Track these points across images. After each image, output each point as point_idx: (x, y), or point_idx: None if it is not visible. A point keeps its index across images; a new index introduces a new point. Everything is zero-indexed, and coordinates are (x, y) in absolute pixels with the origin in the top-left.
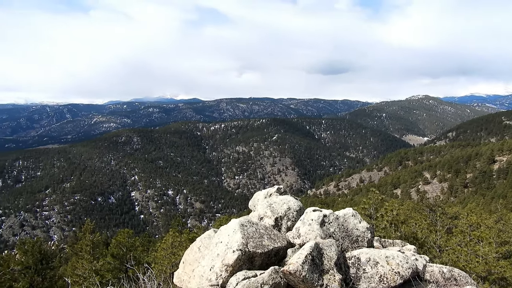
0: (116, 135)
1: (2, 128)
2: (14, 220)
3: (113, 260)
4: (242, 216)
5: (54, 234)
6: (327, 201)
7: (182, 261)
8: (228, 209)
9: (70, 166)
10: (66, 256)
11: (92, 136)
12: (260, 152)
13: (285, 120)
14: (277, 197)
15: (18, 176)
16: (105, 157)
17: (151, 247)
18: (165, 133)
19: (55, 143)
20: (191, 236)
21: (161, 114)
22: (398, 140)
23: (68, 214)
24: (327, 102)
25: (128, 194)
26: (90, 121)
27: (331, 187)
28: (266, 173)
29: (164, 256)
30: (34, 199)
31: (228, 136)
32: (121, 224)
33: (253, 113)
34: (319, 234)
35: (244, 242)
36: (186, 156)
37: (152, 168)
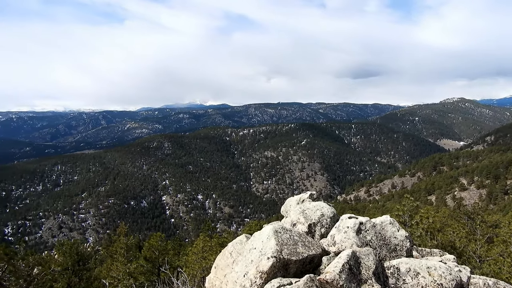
0: (148, 140)
1: (42, 134)
2: (53, 222)
3: (146, 263)
4: (271, 221)
5: (90, 236)
6: (358, 207)
7: (214, 266)
8: (257, 214)
9: (104, 171)
10: (101, 257)
11: (125, 141)
12: (289, 157)
13: (314, 125)
14: (310, 203)
15: (57, 180)
16: (137, 162)
17: (182, 251)
18: (195, 139)
19: (90, 148)
20: (221, 241)
21: (191, 120)
22: (432, 145)
23: (102, 217)
24: (357, 106)
25: (159, 198)
26: (123, 127)
27: (361, 193)
28: (295, 178)
29: (195, 260)
30: (71, 202)
31: (257, 141)
32: (152, 228)
33: (281, 118)
34: (355, 242)
35: (279, 249)
36: (215, 161)
37: (182, 173)
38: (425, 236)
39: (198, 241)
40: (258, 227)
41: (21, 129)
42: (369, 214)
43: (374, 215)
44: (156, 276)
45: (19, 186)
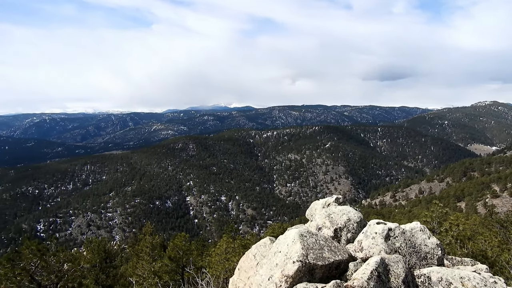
0: (173, 142)
1: (73, 135)
2: (82, 220)
3: (170, 263)
4: (294, 224)
5: (116, 234)
6: (383, 212)
7: (238, 267)
8: (280, 216)
9: (131, 171)
10: (126, 256)
11: (151, 142)
12: (313, 160)
13: (339, 128)
14: (336, 207)
15: (86, 179)
16: (163, 163)
17: (205, 252)
18: (219, 140)
19: (118, 149)
20: (244, 243)
21: (215, 122)
22: (462, 149)
23: (129, 216)
24: (383, 109)
25: (183, 199)
26: (150, 128)
27: (387, 198)
28: (319, 181)
29: (218, 261)
30: (99, 201)
31: (280, 144)
32: (176, 228)
33: (305, 120)
34: (384, 249)
35: (304, 253)
36: (238, 163)
37: (206, 174)
38: (455, 244)
39: (221, 242)
40: (281, 230)
41: (53, 130)
42: (394, 219)
43: (400, 220)
44: (179, 275)
45: (51, 185)
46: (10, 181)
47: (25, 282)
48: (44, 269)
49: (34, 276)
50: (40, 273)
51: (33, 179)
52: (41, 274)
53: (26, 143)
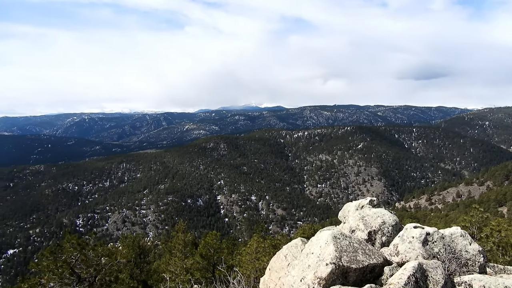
0: (205, 141)
1: (110, 134)
2: (118, 216)
3: (201, 260)
4: (325, 225)
5: (150, 231)
6: (418, 215)
7: (268, 267)
8: (310, 217)
9: (164, 170)
10: (159, 252)
11: (184, 142)
12: (344, 161)
13: (372, 128)
14: (370, 209)
15: (122, 177)
16: (194, 162)
17: (236, 251)
18: (250, 140)
19: (152, 148)
20: (274, 243)
21: (246, 122)
22: (505, 152)
23: (162, 213)
24: (419, 109)
25: (214, 198)
26: (182, 128)
27: (422, 201)
28: (350, 182)
29: (248, 261)
30: (134, 198)
31: (311, 144)
32: (207, 226)
33: (337, 120)
34: (421, 254)
35: (338, 256)
36: (269, 163)
37: (236, 174)
38: (496, 251)
39: (251, 242)
40: (312, 231)
41: (92, 129)
42: (430, 223)
43: (436, 225)
44: (211, 273)
45: (89, 182)
46: (52, 178)
47: (66, 274)
48: (84, 262)
49: (74, 269)
50: (80, 266)
51: (73, 176)
52: (81, 267)
53: (67, 142)
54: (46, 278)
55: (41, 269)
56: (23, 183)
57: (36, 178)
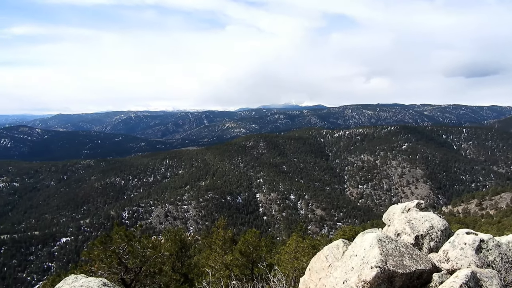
0: (245, 140)
1: (155, 131)
2: (161, 210)
3: (240, 257)
4: (366, 227)
5: (191, 226)
6: (466, 221)
7: (309, 268)
8: (350, 219)
9: (205, 167)
10: (199, 247)
11: (224, 140)
12: (387, 162)
13: (417, 128)
14: (417, 213)
15: (165, 173)
16: (234, 159)
17: (274, 249)
18: (289, 139)
19: (194, 145)
20: (314, 243)
21: (286, 121)
22: None
23: (202, 209)
24: (470, 109)
25: (253, 196)
26: (223, 126)
27: (471, 206)
28: (393, 184)
29: (287, 260)
30: (176, 194)
31: (353, 144)
32: (246, 223)
33: (380, 120)
34: (474, 262)
35: (383, 259)
36: (308, 162)
37: (276, 172)
38: None
39: (290, 241)
40: (353, 232)
41: (138, 127)
42: (480, 230)
43: (487, 231)
44: (249, 270)
45: (134, 177)
46: (101, 172)
47: (114, 264)
48: (130, 253)
49: (122, 259)
50: (127, 256)
51: (120, 171)
52: (128, 257)
53: (114, 138)
54: (96, 266)
55: (92, 257)
56: (75, 176)
57: (87, 172)
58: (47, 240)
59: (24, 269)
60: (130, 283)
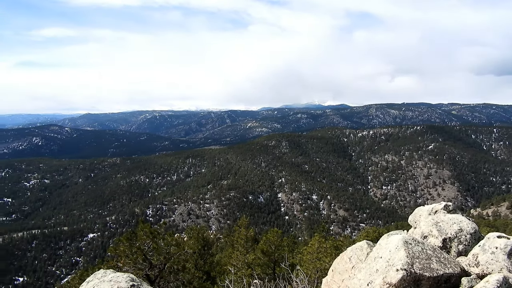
0: (267, 139)
1: (178, 130)
2: (184, 208)
3: (262, 256)
4: (390, 229)
5: (213, 224)
6: (497, 224)
7: (331, 269)
8: (373, 220)
9: (227, 166)
10: (221, 245)
11: (246, 139)
12: (413, 162)
13: (444, 128)
14: (445, 215)
15: (188, 171)
16: (256, 159)
17: (296, 249)
18: (312, 139)
19: (216, 144)
20: (336, 244)
21: (308, 120)
22: None
23: (224, 208)
24: (501, 108)
25: (275, 195)
26: (245, 125)
27: (502, 208)
28: (419, 185)
29: (309, 260)
30: (198, 192)
31: (377, 144)
32: (267, 223)
33: (405, 119)
34: (506, 267)
35: (409, 262)
36: (331, 162)
37: (298, 172)
38: None
39: (313, 241)
40: (377, 234)
41: (162, 126)
42: (511, 234)
43: None
44: (271, 270)
45: (158, 175)
46: (127, 170)
47: (140, 260)
48: (155, 250)
49: (146, 255)
50: (152, 253)
51: (144, 169)
52: (152, 254)
53: (139, 137)
54: (122, 262)
55: (118, 253)
56: (102, 174)
57: (113, 170)
58: (75, 236)
59: (53, 263)
60: (154, 279)
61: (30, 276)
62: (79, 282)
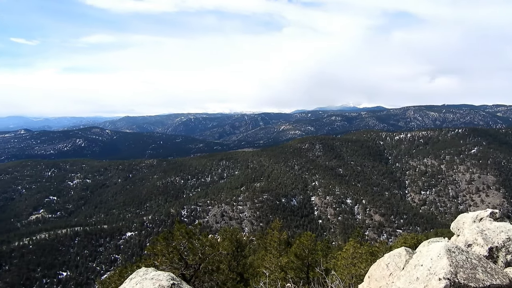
0: (300, 142)
1: (212, 133)
2: (217, 210)
3: (296, 260)
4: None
5: (245, 226)
6: None
7: (368, 275)
8: (411, 226)
9: (260, 168)
10: (254, 247)
11: (279, 142)
12: (454, 167)
13: (489, 131)
14: (491, 223)
15: (222, 173)
16: (289, 162)
17: (330, 254)
18: (346, 141)
19: (249, 147)
20: (372, 250)
21: (343, 123)
22: None
23: (257, 210)
24: None
25: (308, 198)
26: (278, 128)
27: None
28: (461, 191)
29: (344, 265)
30: (232, 194)
31: (415, 147)
32: (300, 226)
33: (446, 122)
34: None
35: (453, 271)
36: (366, 166)
37: (331, 175)
38: None
39: (347, 246)
40: (415, 241)
41: (196, 128)
42: None
43: None
44: (304, 274)
45: (193, 177)
46: (163, 171)
47: (176, 259)
48: (190, 250)
49: (182, 255)
50: (187, 253)
51: (179, 171)
52: (188, 254)
53: (175, 139)
54: (159, 261)
55: (155, 252)
56: (139, 175)
57: (150, 171)
58: (114, 234)
59: (94, 259)
60: (189, 279)
61: (73, 271)
62: (118, 279)
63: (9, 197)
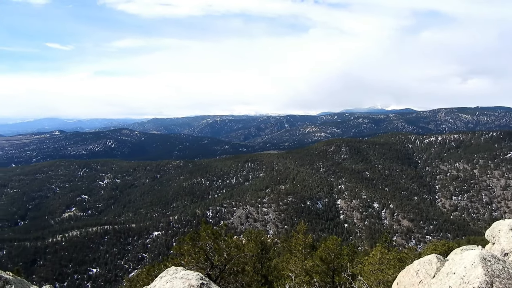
0: (326, 144)
1: (238, 134)
2: (242, 212)
3: (321, 264)
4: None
5: (270, 229)
6: None
7: (396, 282)
8: (442, 232)
9: (285, 170)
10: (278, 250)
11: (305, 144)
12: (488, 172)
13: None
14: None
15: (247, 175)
16: (315, 164)
17: (356, 259)
18: (374, 144)
19: (275, 149)
20: (400, 256)
21: (370, 125)
22: None
23: (282, 213)
24: None
25: (334, 202)
26: (304, 130)
27: None
28: (495, 197)
29: (371, 271)
30: (257, 196)
31: (446, 151)
32: (326, 230)
33: (479, 125)
34: None
35: (488, 280)
36: (394, 169)
37: (358, 179)
38: None
39: (375, 252)
40: (446, 248)
41: (222, 130)
42: None
43: None
44: (330, 278)
45: (218, 178)
46: (189, 172)
47: (202, 259)
48: (216, 251)
49: (208, 256)
50: (213, 253)
51: (205, 172)
52: (214, 254)
53: (201, 141)
54: (186, 261)
55: (182, 252)
56: (166, 176)
57: (177, 172)
58: (142, 233)
59: (122, 257)
60: (215, 280)
61: (102, 268)
62: (146, 277)
63: (44, 195)
